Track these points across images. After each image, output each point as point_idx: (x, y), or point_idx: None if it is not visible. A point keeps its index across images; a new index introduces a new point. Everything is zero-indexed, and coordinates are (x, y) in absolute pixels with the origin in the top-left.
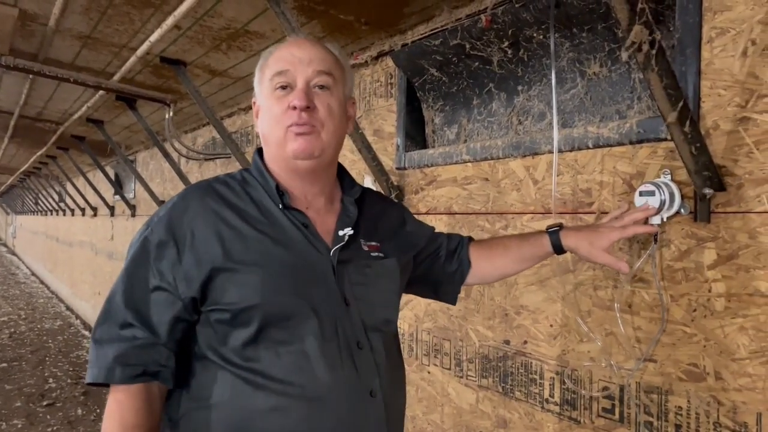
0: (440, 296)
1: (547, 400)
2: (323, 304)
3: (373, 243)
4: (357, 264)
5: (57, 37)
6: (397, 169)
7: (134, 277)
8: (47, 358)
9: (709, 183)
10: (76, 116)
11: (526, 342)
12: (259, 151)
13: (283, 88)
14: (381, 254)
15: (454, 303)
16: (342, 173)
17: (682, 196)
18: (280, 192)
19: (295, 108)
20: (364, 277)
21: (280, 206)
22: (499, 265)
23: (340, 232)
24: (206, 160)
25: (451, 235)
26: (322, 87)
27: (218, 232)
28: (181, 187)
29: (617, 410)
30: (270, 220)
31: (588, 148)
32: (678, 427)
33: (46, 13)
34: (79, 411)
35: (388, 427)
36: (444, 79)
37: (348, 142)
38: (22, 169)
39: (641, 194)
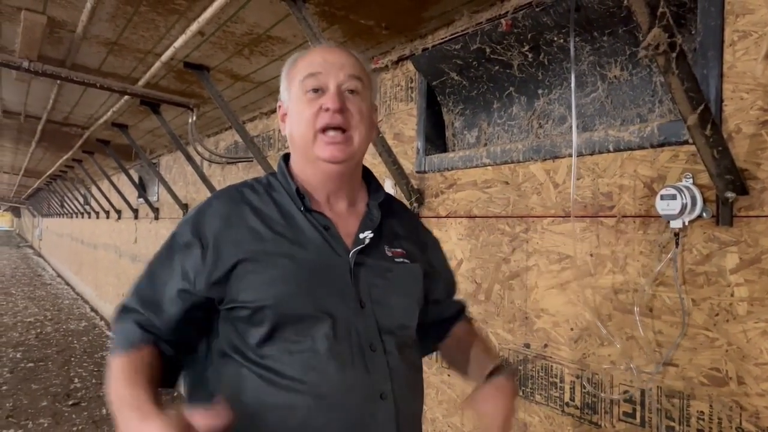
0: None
1: (567, 404)
2: (337, 305)
3: (398, 249)
4: (377, 267)
5: (84, 43)
6: (417, 172)
7: (156, 273)
8: (72, 359)
9: (731, 186)
10: (101, 121)
11: (546, 345)
12: (285, 157)
13: (315, 91)
14: (406, 260)
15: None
16: (368, 176)
17: (704, 200)
18: (301, 195)
19: (328, 110)
20: (384, 281)
21: (302, 209)
22: (454, 361)
23: (361, 235)
24: (228, 163)
25: (452, 301)
26: (352, 91)
27: (240, 235)
28: (203, 190)
29: (638, 414)
30: (290, 223)
31: (608, 151)
32: (700, 431)
33: (74, 20)
34: (104, 411)
35: (398, 431)
36: (464, 82)
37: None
38: (48, 173)
39: (662, 198)
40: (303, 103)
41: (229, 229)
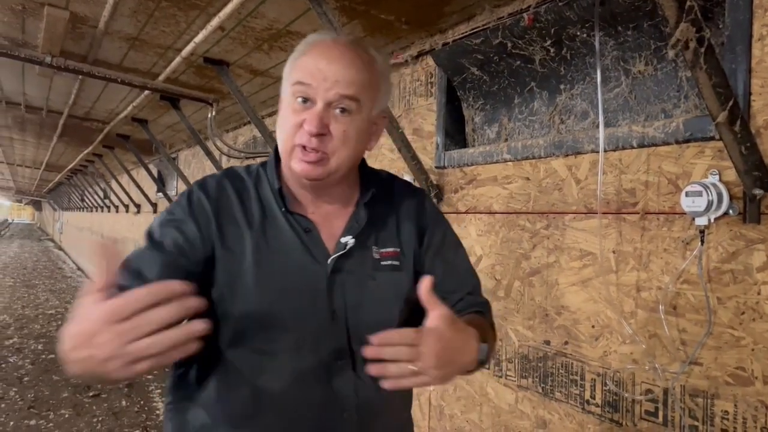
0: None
1: (587, 402)
2: (305, 316)
3: (390, 249)
4: (358, 274)
5: (106, 39)
6: (437, 168)
7: (144, 248)
8: None
9: (759, 183)
10: (122, 116)
11: (566, 343)
12: (277, 149)
13: (304, 100)
14: (396, 262)
15: None
16: (364, 172)
17: (731, 197)
18: (282, 195)
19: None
20: (361, 289)
21: (282, 209)
22: None
23: (342, 239)
24: (247, 158)
25: (465, 296)
26: (343, 111)
27: (221, 228)
28: None
29: (661, 413)
30: (270, 224)
31: (632, 147)
32: (724, 431)
33: (96, 15)
34: (123, 402)
35: None
36: (485, 77)
37: (387, 141)
38: (69, 167)
39: (687, 194)
40: (289, 110)
41: (221, 223)
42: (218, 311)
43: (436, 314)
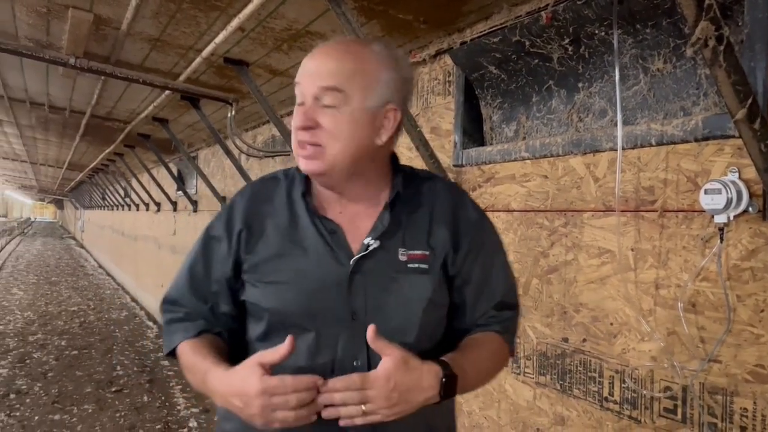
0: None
1: (606, 399)
2: (325, 315)
3: (419, 252)
4: (380, 276)
5: (128, 40)
6: (455, 166)
7: (193, 265)
8: (114, 347)
9: None
10: (143, 115)
11: (585, 340)
12: None
13: (301, 101)
14: (423, 266)
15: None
16: (396, 171)
17: (750, 195)
18: (306, 198)
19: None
20: (383, 292)
21: (308, 212)
22: None
23: (365, 241)
24: (266, 156)
25: (492, 316)
26: (328, 102)
27: (254, 232)
28: (241, 183)
29: (679, 411)
30: (297, 226)
31: (651, 145)
32: (743, 429)
33: (119, 17)
34: (145, 398)
35: None
36: (503, 76)
37: (405, 140)
38: (91, 166)
39: (706, 192)
40: (294, 112)
41: (251, 232)
42: (249, 309)
43: (386, 357)
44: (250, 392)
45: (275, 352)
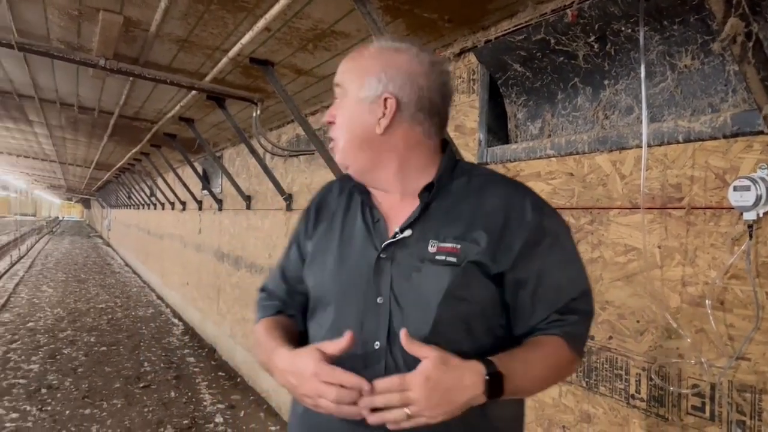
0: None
1: (632, 396)
2: (355, 297)
3: (449, 245)
4: (405, 265)
5: (156, 41)
6: (479, 164)
7: (284, 252)
8: (141, 344)
9: None
10: (169, 115)
11: (611, 337)
12: None
13: None
14: (452, 259)
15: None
16: (447, 166)
17: None
18: (359, 190)
19: None
20: (406, 282)
21: (359, 203)
22: None
23: (395, 229)
24: (290, 155)
25: (554, 319)
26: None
27: (320, 220)
28: (266, 181)
29: (707, 408)
30: (350, 216)
31: (678, 142)
32: None
33: (148, 19)
34: (172, 394)
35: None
36: (528, 74)
37: None
38: (117, 166)
39: (735, 189)
40: None
41: (318, 220)
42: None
43: (423, 357)
44: (304, 373)
45: (334, 344)
